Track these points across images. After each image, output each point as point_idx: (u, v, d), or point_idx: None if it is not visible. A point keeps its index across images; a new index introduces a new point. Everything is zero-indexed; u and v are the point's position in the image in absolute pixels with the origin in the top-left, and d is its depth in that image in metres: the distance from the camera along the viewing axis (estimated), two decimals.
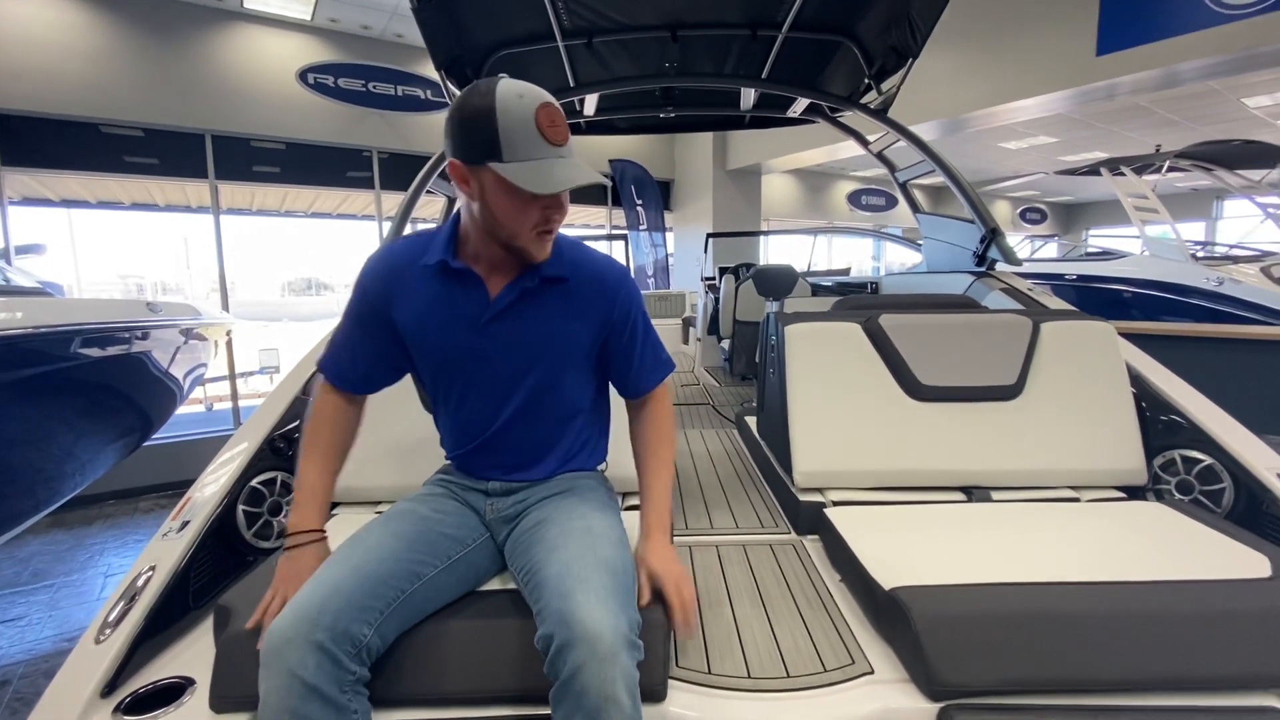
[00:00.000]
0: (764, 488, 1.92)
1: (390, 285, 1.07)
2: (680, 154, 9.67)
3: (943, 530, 1.30)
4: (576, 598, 0.84)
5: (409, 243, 1.09)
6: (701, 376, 4.29)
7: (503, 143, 0.91)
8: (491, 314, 1.06)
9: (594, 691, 0.78)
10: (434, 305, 1.06)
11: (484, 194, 0.96)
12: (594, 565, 0.91)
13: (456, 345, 1.08)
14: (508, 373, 1.09)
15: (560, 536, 0.99)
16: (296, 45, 6.86)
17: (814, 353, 1.64)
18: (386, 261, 1.08)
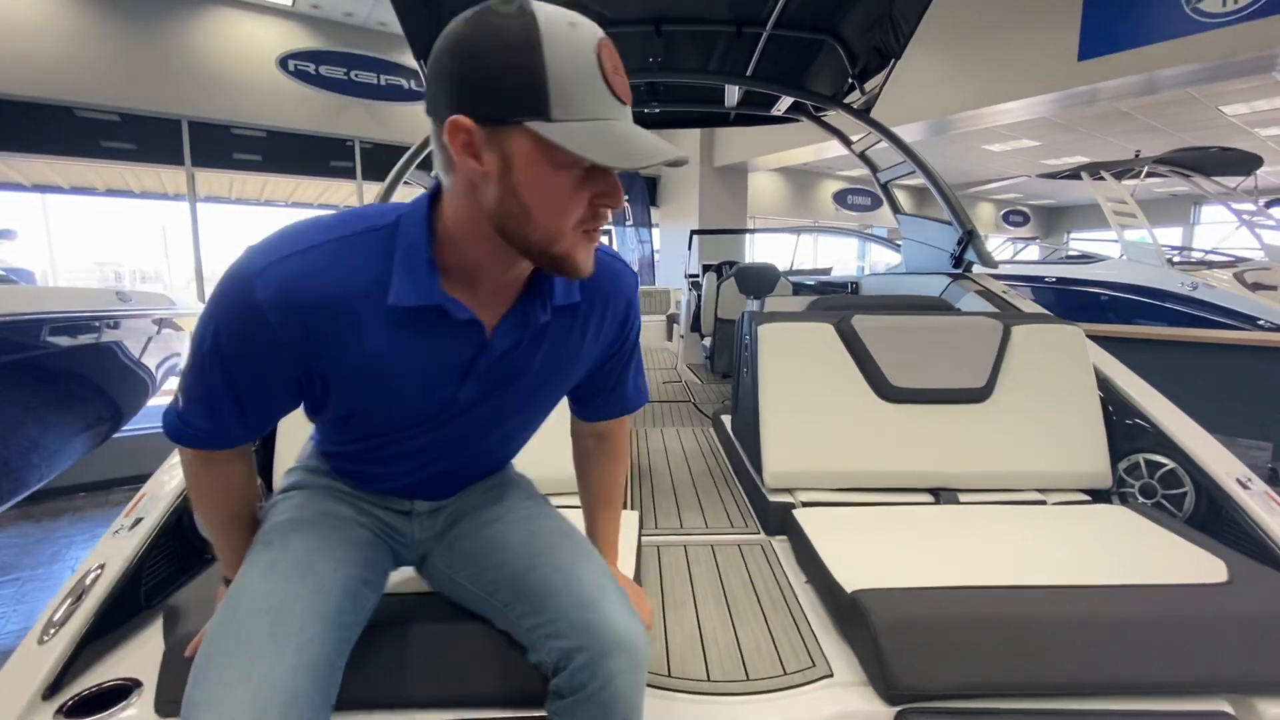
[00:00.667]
0: (736, 487, 1.92)
1: (320, 331, 0.68)
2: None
3: (909, 532, 1.30)
4: (604, 606, 0.79)
5: (328, 260, 0.67)
6: (684, 374, 4.29)
7: (553, 91, 0.58)
8: (486, 363, 0.77)
9: (625, 699, 0.76)
10: (402, 355, 0.73)
11: (510, 172, 0.62)
12: (601, 571, 0.86)
13: (425, 406, 0.79)
14: (480, 421, 0.84)
15: (536, 540, 0.89)
16: (277, 31, 6.73)
17: (786, 352, 1.64)
18: (308, 295, 0.66)
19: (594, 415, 1.00)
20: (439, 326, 0.72)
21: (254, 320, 0.66)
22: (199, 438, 0.76)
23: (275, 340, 0.68)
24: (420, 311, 0.70)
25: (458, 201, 0.67)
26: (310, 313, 0.67)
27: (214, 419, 0.75)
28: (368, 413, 0.79)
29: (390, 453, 0.86)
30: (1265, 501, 1.31)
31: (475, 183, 0.64)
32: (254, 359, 0.70)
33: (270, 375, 0.72)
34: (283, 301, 0.66)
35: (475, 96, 0.60)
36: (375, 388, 0.75)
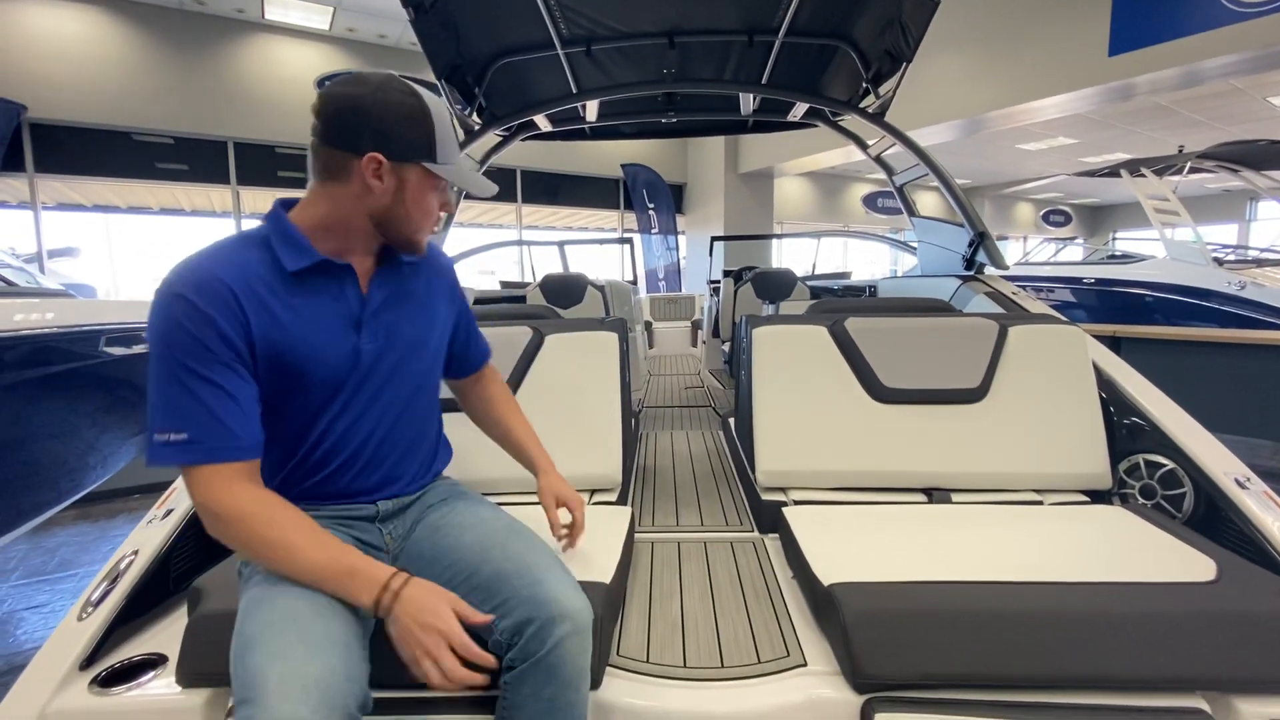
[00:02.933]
0: (736, 487, 1.95)
1: (243, 303, 0.86)
2: (693, 158, 9.72)
3: (897, 530, 1.32)
4: (550, 582, 0.91)
5: (223, 256, 0.89)
6: (706, 379, 4.32)
7: (438, 144, 0.93)
8: (371, 310, 0.98)
9: (571, 663, 0.88)
10: (305, 314, 0.92)
11: (403, 191, 0.93)
12: (547, 554, 0.98)
13: (339, 355, 0.95)
14: (387, 375, 1.01)
15: (489, 537, 1.00)
16: (315, 54, 7.06)
17: (780, 355, 1.67)
18: (219, 277, 0.86)
19: (467, 369, 1.26)
20: (325, 287, 0.95)
21: (184, 309, 0.83)
22: (218, 450, 0.84)
23: (207, 319, 0.84)
24: (307, 275, 0.92)
25: (340, 203, 0.92)
26: (221, 288, 0.86)
27: (221, 428, 0.84)
28: (294, 377, 0.92)
29: (331, 438, 0.98)
30: (1263, 500, 1.29)
31: (372, 193, 0.91)
32: (203, 343, 0.84)
33: (223, 352, 0.85)
34: (198, 285, 0.85)
35: (391, 142, 0.90)
36: (292, 345, 0.91)
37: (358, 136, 0.89)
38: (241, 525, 0.84)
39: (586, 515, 1.21)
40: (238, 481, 0.85)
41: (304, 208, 0.95)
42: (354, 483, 1.01)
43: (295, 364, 0.92)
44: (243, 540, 0.84)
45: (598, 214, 9.54)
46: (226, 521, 0.84)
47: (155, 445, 0.83)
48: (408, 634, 0.81)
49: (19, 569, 3.42)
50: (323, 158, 0.91)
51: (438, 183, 0.95)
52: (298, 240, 0.92)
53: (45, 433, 2.81)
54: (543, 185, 8.82)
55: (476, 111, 3.05)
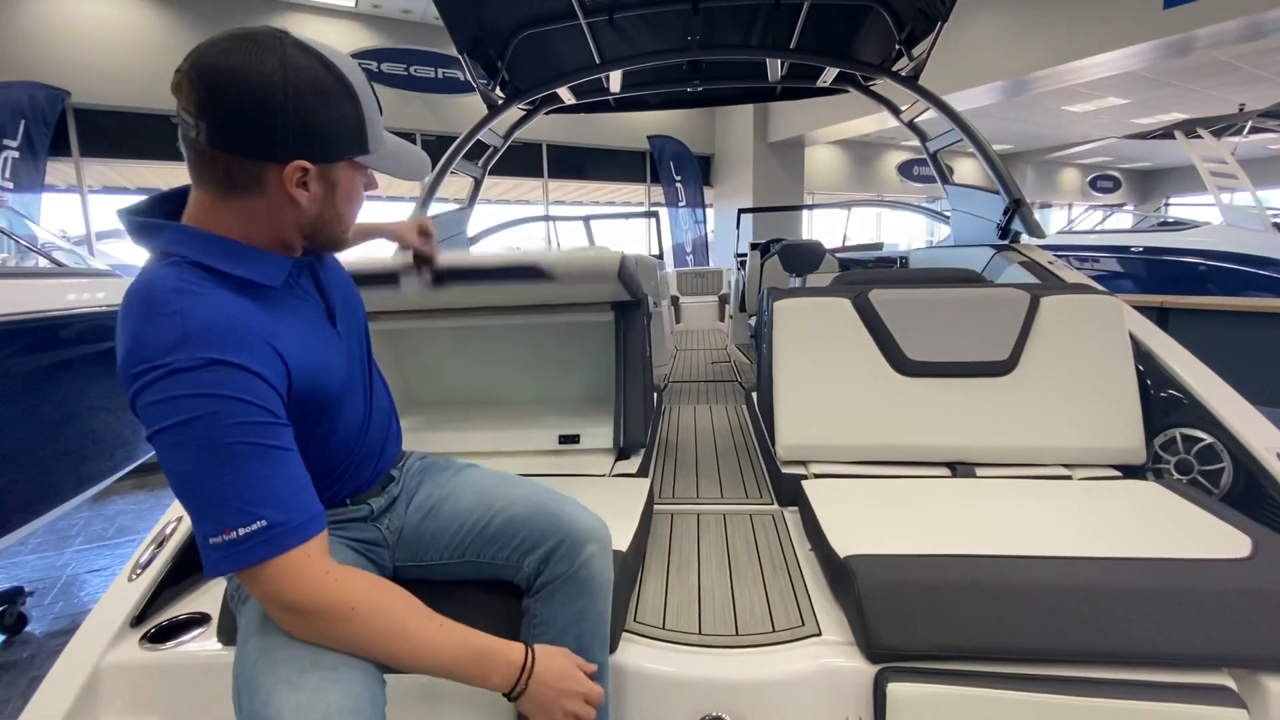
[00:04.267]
0: (757, 460, 1.95)
1: (273, 342, 0.73)
2: (720, 128, 9.53)
3: (918, 504, 1.31)
4: (568, 510, 0.97)
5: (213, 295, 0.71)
6: (732, 354, 4.30)
7: (369, 132, 0.76)
8: (332, 304, 0.89)
9: (599, 576, 0.94)
10: (300, 329, 0.80)
11: (333, 193, 0.77)
12: (551, 491, 1.02)
13: (334, 359, 0.85)
14: (358, 360, 0.93)
15: (487, 493, 1.00)
16: (342, 32, 7.08)
17: (801, 328, 1.65)
18: (243, 321, 0.70)
19: None
20: (291, 290, 0.82)
21: (232, 375, 0.67)
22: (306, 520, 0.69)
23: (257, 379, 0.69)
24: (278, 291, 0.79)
25: (256, 218, 0.74)
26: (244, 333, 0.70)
27: (297, 487, 0.70)
28: (311, 399, 0.80)
29: (333, 446, 0.88)
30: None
31: (297, 204, 0.74)
32: (264, 406, 0.69)
33: (280, 411, 0.71)
34: (225, 340, 0.68)
35: (315, 144, 0.72)
36: (309, 368, 0.78)
37: (273, 142, 0.69)
38: (353, 620, 0.70)
39: (606, 487, 1.24)
40: (328, 561, 0.71)
41: (207, 223, 0.74)
42: (349, 485, 0.93)
43: (320, 384, 0.80)
44: (352, 639, 0.70)
45: (624, 188, 9.45)
46: (333, 618, 0.69)
47: (222, 549, 0.65)
48: (554, 707, 0.78)
49: (81, 535, 3.63)
50: (220, 167, 0.70)
51: (363, 169, 0.81)
52: (251, 252, 0.75)
53: (100, 406, 2.94)
54: (569, 160, 8.76)
55: (500, 85, 3.03)
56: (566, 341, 2.03)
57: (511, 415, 1.94)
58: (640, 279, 1.83)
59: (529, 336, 2.04)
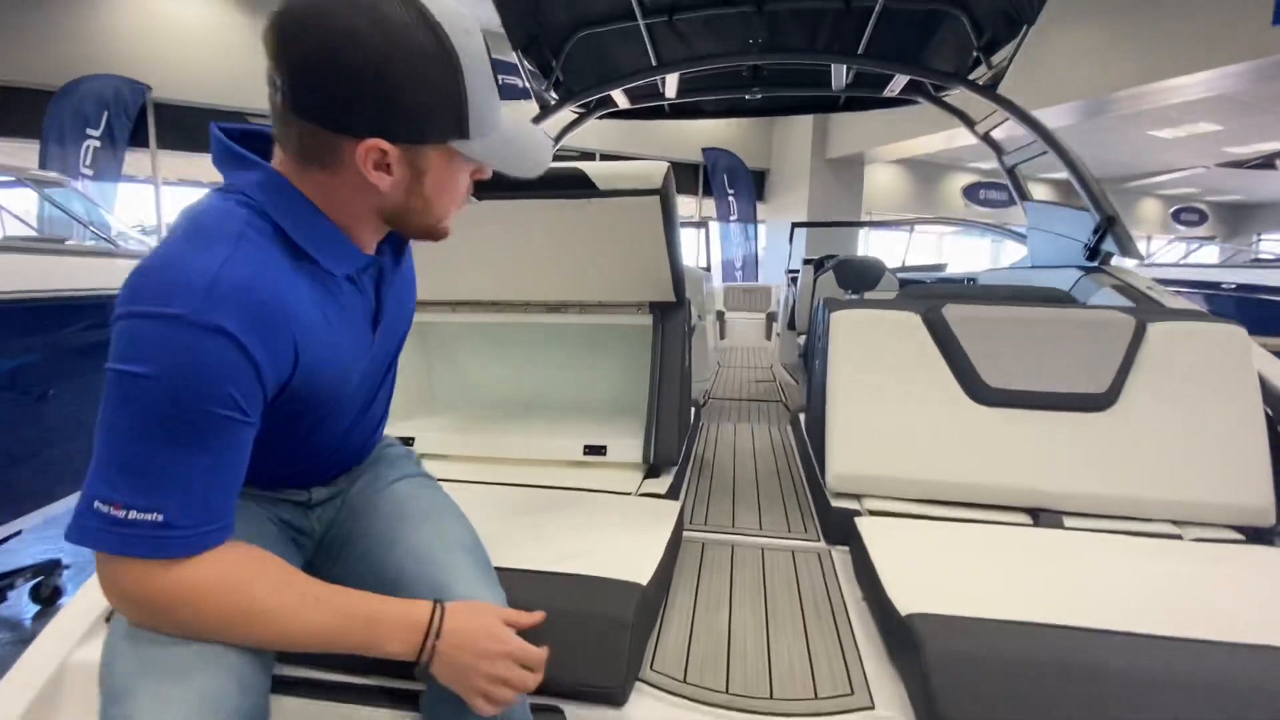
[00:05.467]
0: (803, 490, 1.78)
1: (296, 333, 0.64)
2: (778, 142, 9.35)
3: (992, 555, 1.12)
4: (453, 590, 0.75)
5: (258, 261, 0.61)
6: (778, 374, 4.11)
7: (471, 114, 0.63)
8: (386, 305, 0.80)
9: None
10: (340, 329, 0.71)
11: (421, 180, 0.66)
12: (458, 550, 0.82)
13: (358, 366, 0.77)
14: (378, 373, 0.86)
15: (397, 524, 0.84)
16: None
17: (861, 343, 1.48)
18: (276, 302, 0.61)
19: None
20: (346, 290, 0.73)
21: (230, 354, 0.57)
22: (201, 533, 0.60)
23: (251, 367, 0.59)
24: (337, 280, 0.71)
25: (333, 195, 0.66)
26: (272, 315, 0.61)
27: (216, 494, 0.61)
28: (309, 401, 0.71)
29: (308, 444, 0.80)
30: None
31: (374, 190, 0.64)
32: (233, 398, 0.59)
33: (253, 408, 0.62)
34: (249, 315, 0.58)
35: (404, 123, 0.61)
36: (327, 370, 0.70)
37: (352, 112, 0.59)
38: (198, 608, 0.60)
39: (630, 508, 1.14)
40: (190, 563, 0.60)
41: (298, 186, 0.66)
42: (300, 477, 0.84)
43: (324, 386, 0.71)
44: (195, 625, 0.61)
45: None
46: (175, 611, 0.60)
47: (101, 519, 0.56)
48: (471, 671, 0.66)
49: None
50: (295, 133, 0.62)
51: (473, 163, 0.69)
52: (335, 235, 0.67)
53: None
54: None
55: (553, 86, 2.98)
56: (601, 343, 1.91)
57: (536, 420, 1.83)
58: (686, 288, 1.70)
59: (562, 336, 1.93)
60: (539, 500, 1.35)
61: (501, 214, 1.40)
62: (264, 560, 0.66)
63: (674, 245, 1.45)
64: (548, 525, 1.21)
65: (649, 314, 1.65)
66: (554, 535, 1.16)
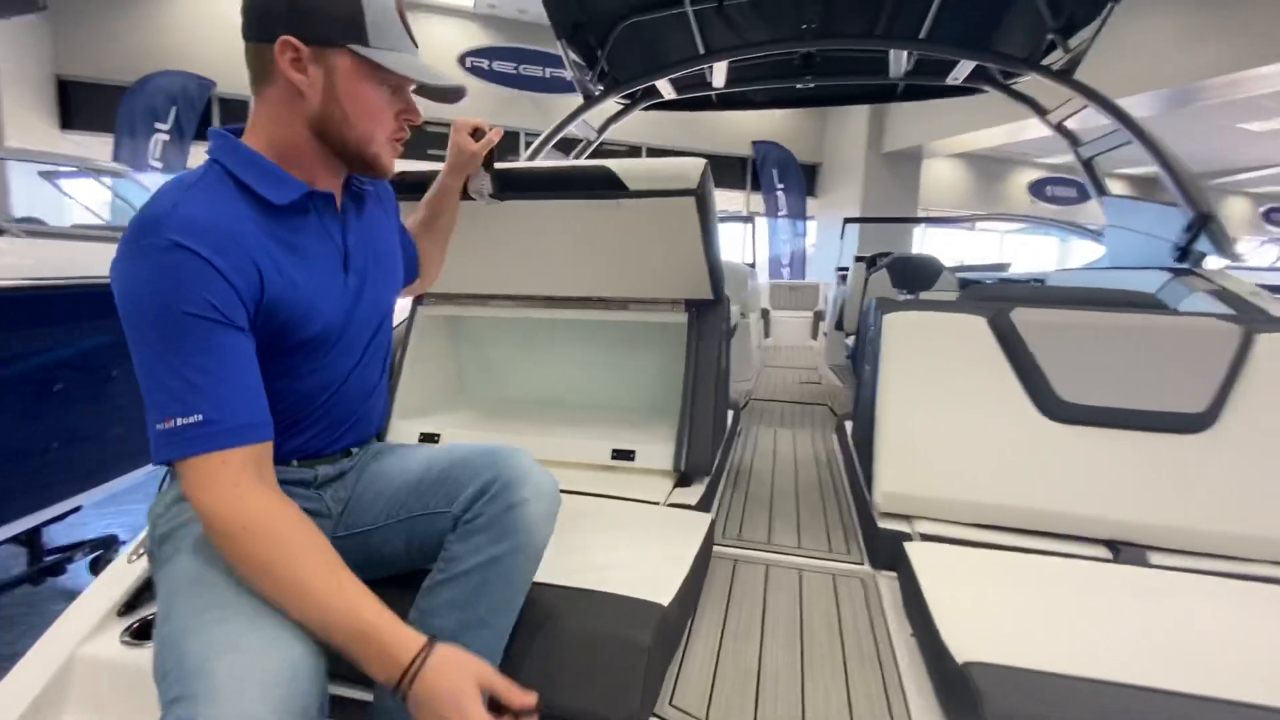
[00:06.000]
0: (847, 506, 1.66)
1: (254, 253, 0.73)
2: (831, 134, 9.06)
3: (1065, 595, 0.99)
4: (509, 453, 0.85)
5: (211, 197, 0.73)
6: (825, 375, 3.96)
7: (369, 24, 0.75)
8: (354, 244, 0.87)
9: (529, 528, 0.80)
10: (305, 259, 0.79)
11: (333, 83, 0.75)
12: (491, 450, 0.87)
13: (334, 302, 0.83)
14: (361, 316, 0.89)
15: (438, 454, 0.90)
16: (459, 31, 7.35)
17: (917, 348, 1.35)
18: (224, 223, 0.71)
19: (414, 275, 1.14)
20: (311, 224, 0.81)
21: (189, 264, 0.67)
22: (247, 424, 0.68)
23: (218, 274, 0.69)
24: (293, 212, 0.78)
25: (276, 114, 0.77)
26: (220, 234, 0.70)
27: (242, 390, 0.69)
28: (289, 334, 0.78)
29: (295, 396, 0.83)
30: None
31: (300, 92, 0.75)
32: (215, 303, 0.68)
33: (237, 314, 0.70)
34: (203, 234, 0.69)
35: (307, 22, 0.73)
36: (297, 298, 0.77)
37: (269, 18, 0.73)
38: (243, 541, 0.66)
39: (657, 519, 1.10)
40: (247, 475, 0.68)
41: (250, 132, 0.79)
42: (299, 443, 0.86)
43: (297, 319, 0.78)
44: (241, 560, 0.67)
45: (721, 195, 9.19)
46: (225, 535, 0.66)
47: (161, 436, 0.66)
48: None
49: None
50: (250, 60, 0.76)
51: (381, 75, 0.78)
52: (270, 169, 0.77)
53: None
54: None
55: (599, 77, 2.91)
56: (634, 342, 1.83)
57: (564, 420, 1.77)
58: (728, 285, 1.61)
59: (593, 333, 1.85)
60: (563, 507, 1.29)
61: (532, 209, 1.34)
62: (310, 530, 0.70)
63: (711, 244, 1.36)
64: (567, 534, 1.14)
65: (684, 312, 1.56)
66: (572, 546, 1.09)
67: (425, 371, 1.78)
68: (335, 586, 0.66)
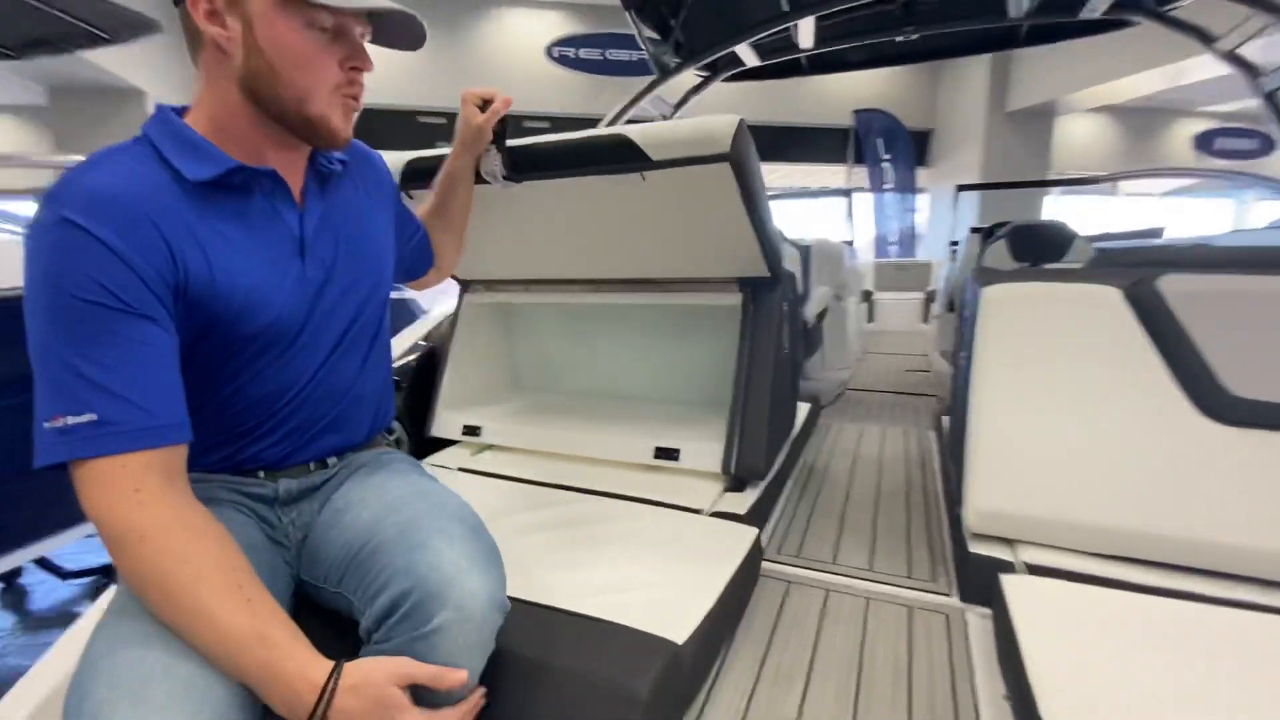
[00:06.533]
0: (937, 521, 1.41)
1: (163, 230, 0.64)
2: (945, 96, 8.25)
3: (1228, 659, 0.73)
4: (436, 546, 0.67)
5: (122, 170, 0.65)
6: (935, 363, 3.58)
7: None
8: (311, 229, 0.76)
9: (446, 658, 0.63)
10: (239, 242, 0.70)
11: (252, 31, 0.65)
12: (447, 517, 0.72)
13: (284, 292, 0.73)
14: (329, 310, 0.79)
15: (385, 508, 0.74)
16: (543, 23, 7.47)
17: (1025, 327, 1.09)
18: (127, 195, 0.63)
19: (422, 268, 1.08)
20: (255, 206, 0.72)
21: (81, 242, 0.59)
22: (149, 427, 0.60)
23: (114, 252, 0.60)
24: (221, 188, 0.69)
25: (210, 83, 0.69)
26: (121, 209, 0.62)
27: (143, 386, 0.60)
28: (227, 325, 0.69)
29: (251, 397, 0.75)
30: None
31: (223, 50, 0.66)
32: (109, 287, 0.60)
33: (141, 299, 0.61)
34: (97, 207, 0.60)
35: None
36: (230, 284, 0.68)
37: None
38: (138, 551, 0.57)
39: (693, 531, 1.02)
40: (150, 481, 0.59)
41: (193, 108, 0.71)
42: (254, 452, 0.77)
43: (234, 312, 0.69)
44: (132, 573, 0.58)
45: (818, 171, 8.66)
46: (120, 545, 0.58)
47: (48, 435, 0.58)
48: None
49: None
50: (182, 24, 0.68)
51: (308, 14, 0.66)
52: (196, 143, 0.68)
53: None
54: (758, 140, 8.18)
55: (674, 49, 2.74)
56: (683, 327, 1.67)
57: (608, 414, 1.65)
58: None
59: (644, 318, 1.71)
60: (591, 512, 1.18)
61: (562, 187, 1.22)
62: (221, 540, 0.62)
63: (759, 214, 1.17)
64: (588, 545, 1.03)
65: (738, 292, 1.38)
66: (586, 560, 0.98)
67: (471, 361, 1.73)
68: (234, 607, 0.57)
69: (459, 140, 1.04)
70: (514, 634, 0.71)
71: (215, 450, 0.76)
